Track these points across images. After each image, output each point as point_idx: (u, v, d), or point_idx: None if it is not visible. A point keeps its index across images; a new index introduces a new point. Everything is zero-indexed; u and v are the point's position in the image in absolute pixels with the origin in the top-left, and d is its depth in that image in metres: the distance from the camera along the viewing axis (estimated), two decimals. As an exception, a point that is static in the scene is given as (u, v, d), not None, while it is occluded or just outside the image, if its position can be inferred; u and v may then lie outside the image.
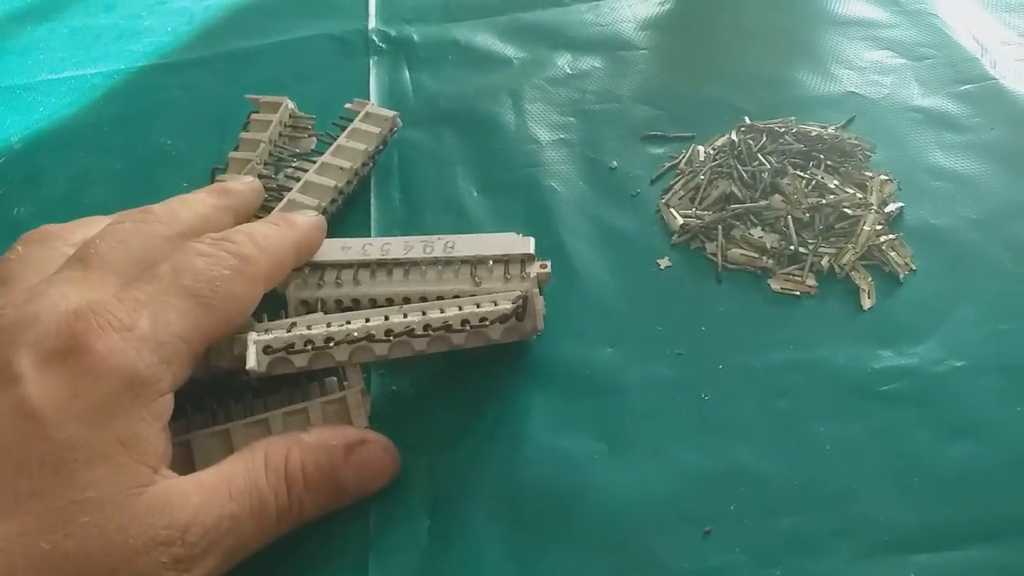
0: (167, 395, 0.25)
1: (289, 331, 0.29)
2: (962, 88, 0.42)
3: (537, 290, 0.31)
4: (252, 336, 0.28)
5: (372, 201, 0.39)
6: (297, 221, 0.31)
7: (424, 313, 0.30)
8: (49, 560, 0.21)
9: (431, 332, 0.29)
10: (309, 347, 0.28)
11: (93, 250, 0.27)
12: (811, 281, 0.34)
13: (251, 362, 0.28)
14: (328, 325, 0.29)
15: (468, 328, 0.30)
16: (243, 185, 0.34)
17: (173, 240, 0.29)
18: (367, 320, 0.30)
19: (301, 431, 0.28)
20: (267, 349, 0.28)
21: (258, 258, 0.28)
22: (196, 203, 0.31)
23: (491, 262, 0.33)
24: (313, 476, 0.27)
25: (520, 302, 0.30)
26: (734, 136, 0.39)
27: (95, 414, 0.23)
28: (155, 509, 0.23)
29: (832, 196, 0.36)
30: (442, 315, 0.30)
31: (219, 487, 0.25)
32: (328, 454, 0.27)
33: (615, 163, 0.40)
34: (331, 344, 0.29)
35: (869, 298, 0.33)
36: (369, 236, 0.38)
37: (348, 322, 0.30)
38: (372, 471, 0.28)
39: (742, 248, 0.35)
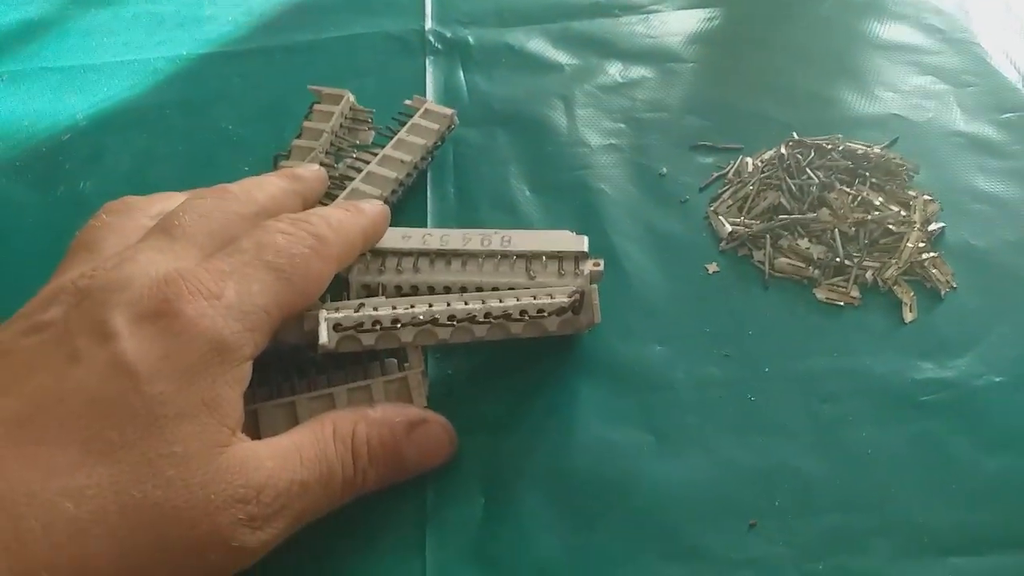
0: (248, 362, 0.26)
1: (357, 311, 0.30)
2: (1003, 116, 0.43)
3: (595, 285, 0.32)
4: (323, 314, 0.30)
5: (428, 194, 0.41)
6: (365, 208, 0.33)
7: (484, 301, 0.31)
8: (139, 508, 0.22)
9: (492, 320, 0.31)
10: (377, 327, 0.30)
11: (177, 221, 0.28)
12: (855, 292, 0.35)
13: (323, 338, 0.29)
14: (394, 308, 0.31)
15: (527, 318, 0.31)
16: (311, 172, 0.35)
17: (248, 218, 0.30)
18: (431, 305, 0.31)
19: (367, 406, 0.29)
20: (337, 327, 0.29)
21: (333, 239, 0.29)
22: (269, 185, 0.32)
23: (545, 258, 0.34)
24: (377, 450, 0.28)
25: (577, 295, 0.31)
26: (783, 150, 0.40)
27: (184, 374, 0.24)
28: (234, 468, 0.24)
29: (877, 212, 0.37)
30: (502, 304, 0.31)
31: (291, 454, 0.26)
32: (391, 430, 0.28)
33: (664, 170, 0.41)
34: (398, 326, 0.30)
35: (911, 312, 0.34)
36: (426, 227, 0.39)
37: (413, 306, 0.31)
38: (432, 449, 0.30)
39: (789, 258, 0.36)
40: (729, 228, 0.37)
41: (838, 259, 0.35)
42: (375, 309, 0.31)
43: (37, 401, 0.23)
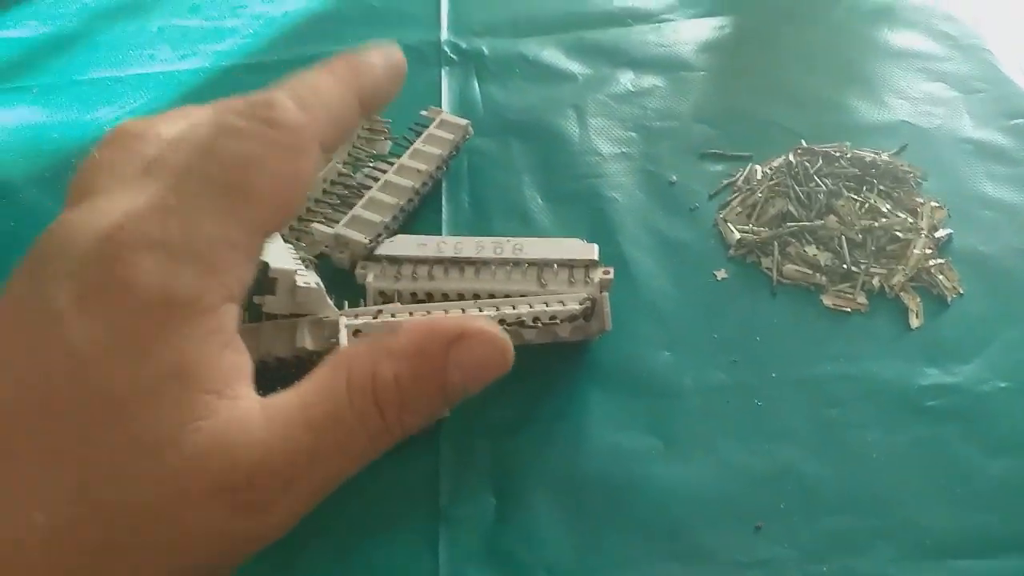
0: (222, 308, 0.21)
1: (375, 318, 0.31)
2: (1012, 122, 0.44)
3: (606, 293, 0.33)
4: (343, 320, 0.31)
5: (443, 203, 0.42)
6: (359, 64, 0.25)
7: (498, 308, 0.32)
8: (109, 510, 0.20)
9: (506, 326, 0.32)
10: (394, 333, 0.31)
11: (160, 154, 0.23)
12: (862, 299, 0.35)
13: (343, 344, 0.30)
14: (410, 314, 0.32)
15: (540, 325, 0.32)
16: (380, 59, 0.26)
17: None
18: (445, 312, 0.32)
19: (388, 336, 0.23)
20: (357, 333, 0.30)
21: (303, 122, 0.23)
22: (325, 95, 0.24)
23: (556, 266, 0.35)
24: (410, 389, 0.22)
25: (588, 303, 0.32)
26: (791, 157, 0.41)
27: (135, 348, 0.20)
28: (214, 450, 0.20)
29: (884, 219, 0.37)
30: (515, 311, 0.32)
31: (293, 416, 0.21)
32: (426, 359, 0.22)
33: (674, 178, 0.42)
34: (414, 332, 0.31)
35: (917, 318, 0.35)
36: (441, 235, 0.40)
37: (429, 312, 0.32)
38: (479, 368, 0.24)
39: (796, 264, 0.37)
40: (737, 235, 0.38)
41: (845, 266, 0.36)
42: (392, 316, 0.32)
43: None
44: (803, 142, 0.42)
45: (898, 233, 0.37)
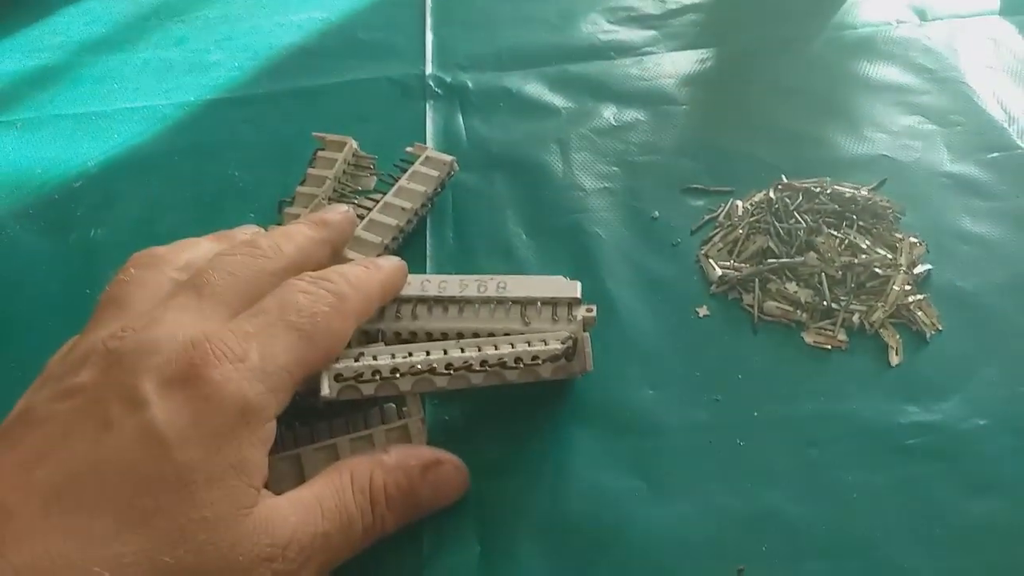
0: (272, 422, 0.27)
1: (357, 360, 0.31)
2: (990, 156, 0.44)
3: (587, 333, 0.33)
4: (324, 365, 0.31)
5: (428, 240, 0.42)
6: (382, 264, 0.34)
7: (480, 349, 0.32)
8: (172, 573, 0.23)
9: (487, 367, 0.32)
10: (377, 377, 0.31)
11: (206, 279, 0.29)
12: (842, 336, 0.36)
13: (324, 389, 0.30)
14: (392, 356, 0.32)
15: (521, 365, 0.32)
16: (340, 216, 0.35)
17: (277, 274, 0.30)
18: (428, 353, 0.32)
19: (382, 452, 0.30)
20: (338, 377, 0.30)
21: (352, 296, 0.30)
22: (298, 237, 0.33)
23: (540, 304, 0.35)
24: (394, 496, 0.29)
25: (570, 343, 0.32)
26: (772, 194, 0.41)
27: (212, 439, 0.25)
28: (260, 528, 0.25)
29: (864, 256, 0.38)
30: (497, 352, 0.32)
31: (312, 507, 0.27)
32: (407, 474, 0.30)
33: (657, 213, 0.42)
34: (397, 375, 0.31)
35: (897, 355, 0.35)
36: (425, 272, 0.40)
37: (411, 354, 0.32)
38: (446, 489, 0.31)
39: (777, 301, 0.37)
40: (719, 272, 0.38)
41: (825, 303, 0.36)
42: (374, 358, 0.32)
43: (73, 470, 0.24)
44: (784, 176, 0.42)
45: (877, 270, 0.37)
